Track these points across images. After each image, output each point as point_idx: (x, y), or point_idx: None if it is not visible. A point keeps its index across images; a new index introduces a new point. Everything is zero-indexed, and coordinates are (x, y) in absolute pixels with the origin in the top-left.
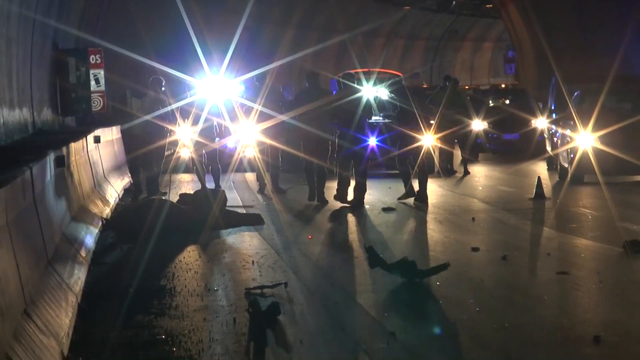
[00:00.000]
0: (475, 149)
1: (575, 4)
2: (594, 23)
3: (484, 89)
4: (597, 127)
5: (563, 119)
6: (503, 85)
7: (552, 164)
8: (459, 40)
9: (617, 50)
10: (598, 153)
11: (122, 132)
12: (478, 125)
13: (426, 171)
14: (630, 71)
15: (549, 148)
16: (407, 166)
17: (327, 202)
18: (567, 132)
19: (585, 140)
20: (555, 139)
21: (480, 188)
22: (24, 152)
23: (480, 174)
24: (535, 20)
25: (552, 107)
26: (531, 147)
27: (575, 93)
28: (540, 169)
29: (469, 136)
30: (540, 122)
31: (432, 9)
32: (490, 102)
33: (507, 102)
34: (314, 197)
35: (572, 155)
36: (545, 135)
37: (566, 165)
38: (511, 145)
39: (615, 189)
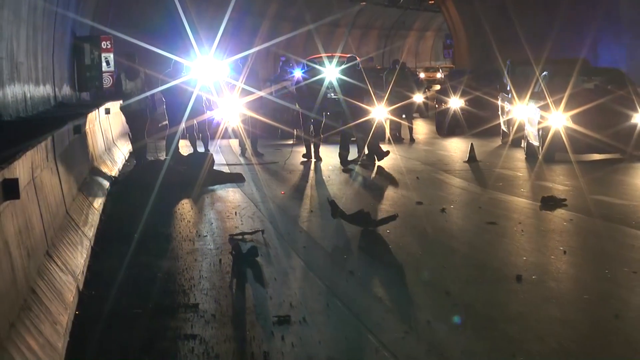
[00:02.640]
0: (452, 125)
1: (501, 1)
2: (516, 15)
3: (461, 70)
4: (568, 107)
5: (530, 98)
6: (439, 66)
7: (505, 137)
8: (406, 30)
9: (535, 38)
10: (569, 132)
11: (121, 109)
12: (456, 103)
13: (377, 137)
14: (554, 55)
15: (504, 127)
16: (362, 134)
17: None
18: (537, 111)
19: (557, 119)
20: (507, 115)
21: (424, 153)
22: (47, 121)
23: (426, 141)
24: (468, 13)
25: (508, 87)
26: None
27: (544, 73)
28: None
29: (414, 109)
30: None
31: (384, 4)
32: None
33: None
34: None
35: (536, 132)
36: (500, 113)
37: (536, 143)
38: (486, 122)
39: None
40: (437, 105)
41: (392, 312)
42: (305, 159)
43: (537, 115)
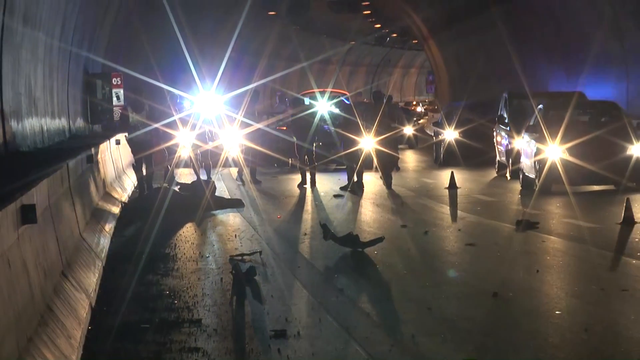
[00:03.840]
0: (447, 156)
1: (478, 41)
2: (491, 55)
3: (457, 104)
4: (564, 140)
5: (527, 131)
6: (427, 100)
7: (501, 169)
8: (392, 67)
9: (510, 74)
10: (566, 164)
11: (128, 140)
12: (450, 134)
13: (363, 167)
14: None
15: (502, 158)
16: (351, 163)
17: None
18: (533, 143)
19: (554, 151)
20: (505, 147)
21: (408, 180)
22: (62, 152)
23: (411, 169)
24: (448, 52)
25: (506, 120)
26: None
27: (539, 106)
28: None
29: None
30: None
31: (371, 43)
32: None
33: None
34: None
35: (532, 164)
36: (496, 145)
37: (532, 175)
38: (480, 153)
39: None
40: (434, 137)
41: (379, 327)
42: (305, 186)
43: (533, 148)
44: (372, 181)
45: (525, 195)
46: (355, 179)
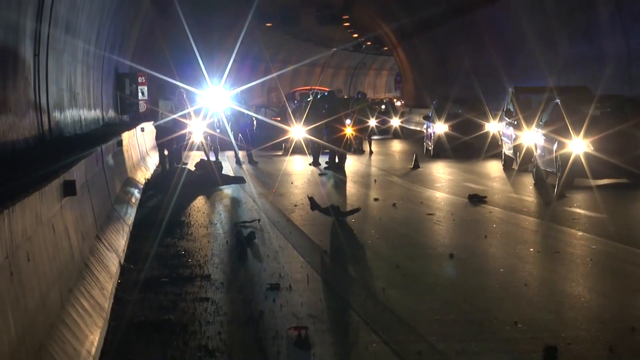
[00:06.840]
0: (437, 148)
1: (437, 50)
2: (448, 60)
3: (445, 99)
4: (588, 133)
5: (545, 125)
6: (394, 98)
7: (508, 163)
8: (367, 69)
9: (463, 77)
10: (589, 157)
11: (156, 126)
12: (440, 127)
13: (344, 150)
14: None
15: (509, 152)
16: (333, 146)
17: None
18: (551, 137)
19: (579, 145)
20: (513, 141)
21: (380, 161)
22: (97, 137)
23: (383, 152)
24: (413, 57)
25: (514, 114)
26: (485, 146)
27: (556, 101)
28: (491, 165)
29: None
30: (493, 126)
31: (350, 50)
32: (453, 109)
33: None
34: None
35: (552, 159)
36: (504, 139)
37: (550, 169)
38: (468, 145)
39: (463, 164)
40: (425, 130)
41: (356, 281)
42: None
43: (554, 142)
44: (349, 162)
45: (472, 174)
46: (337, 160)
